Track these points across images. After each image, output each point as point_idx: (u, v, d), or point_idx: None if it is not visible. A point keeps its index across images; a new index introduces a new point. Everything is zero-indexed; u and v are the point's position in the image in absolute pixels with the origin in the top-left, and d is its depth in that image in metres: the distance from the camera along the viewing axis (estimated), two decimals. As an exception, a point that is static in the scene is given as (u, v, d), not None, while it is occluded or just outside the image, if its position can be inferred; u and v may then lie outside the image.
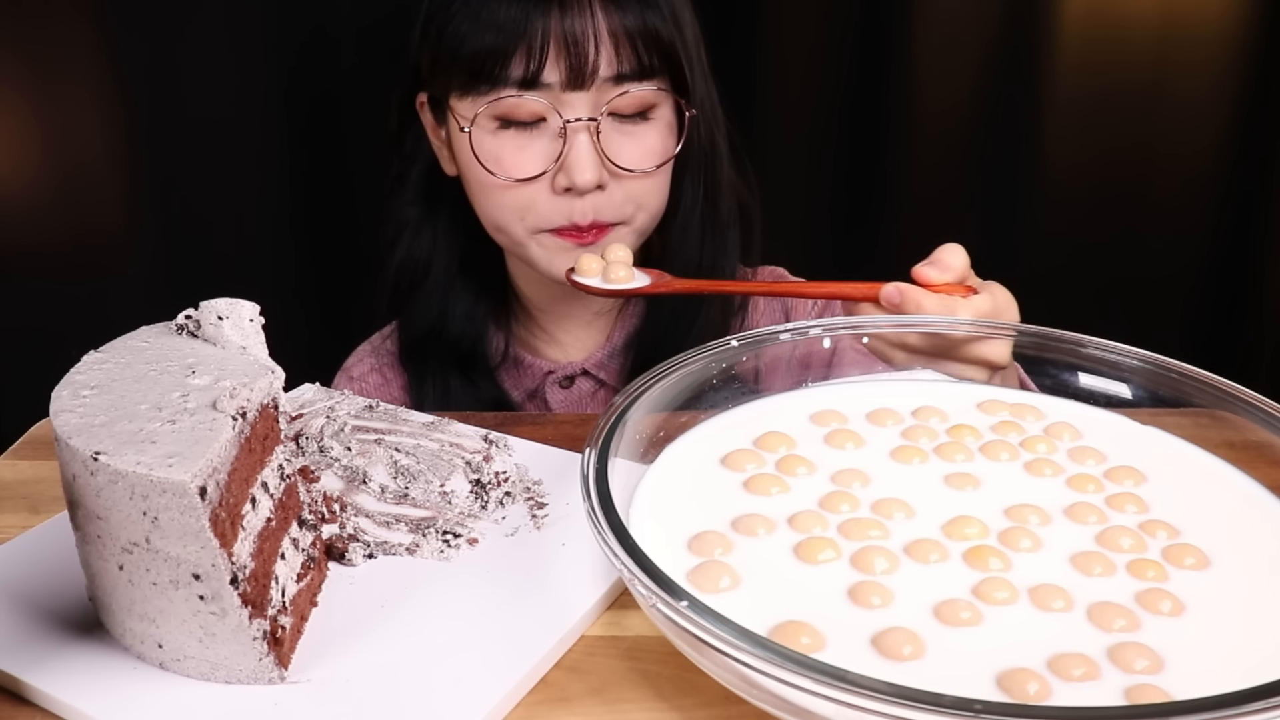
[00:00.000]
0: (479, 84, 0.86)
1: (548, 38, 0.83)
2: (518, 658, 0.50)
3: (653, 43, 0.86)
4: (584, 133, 0.86)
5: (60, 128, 1.21)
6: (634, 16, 0.85)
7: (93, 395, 0.50)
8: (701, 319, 0.96)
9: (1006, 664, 0.46)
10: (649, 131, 0.89)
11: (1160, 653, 0.46)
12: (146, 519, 0.45)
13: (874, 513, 0.56)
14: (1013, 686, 0.44)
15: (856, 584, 0.50)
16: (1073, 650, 0.46)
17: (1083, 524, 0.56)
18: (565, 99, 0.85)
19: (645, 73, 0.87)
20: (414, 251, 0.99)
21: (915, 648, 0.46)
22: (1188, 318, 1.41)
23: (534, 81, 0.84)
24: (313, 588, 0.55)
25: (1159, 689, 0.44)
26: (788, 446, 0.63)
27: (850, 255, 1.40)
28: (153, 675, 0.50)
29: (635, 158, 0.88)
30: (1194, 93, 1.31)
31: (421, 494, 0.64)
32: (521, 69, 0.84)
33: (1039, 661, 0.46)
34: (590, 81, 0.85)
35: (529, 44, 0.83)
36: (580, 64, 0.84)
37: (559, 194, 0.88)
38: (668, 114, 0.90)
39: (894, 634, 0.47)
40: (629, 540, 0.48)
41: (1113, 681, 0.45)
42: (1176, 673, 0.46)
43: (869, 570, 0.51)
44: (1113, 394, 0.67)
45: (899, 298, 0.72)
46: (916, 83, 1.33)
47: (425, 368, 1.00)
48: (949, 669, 0.46)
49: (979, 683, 0.45)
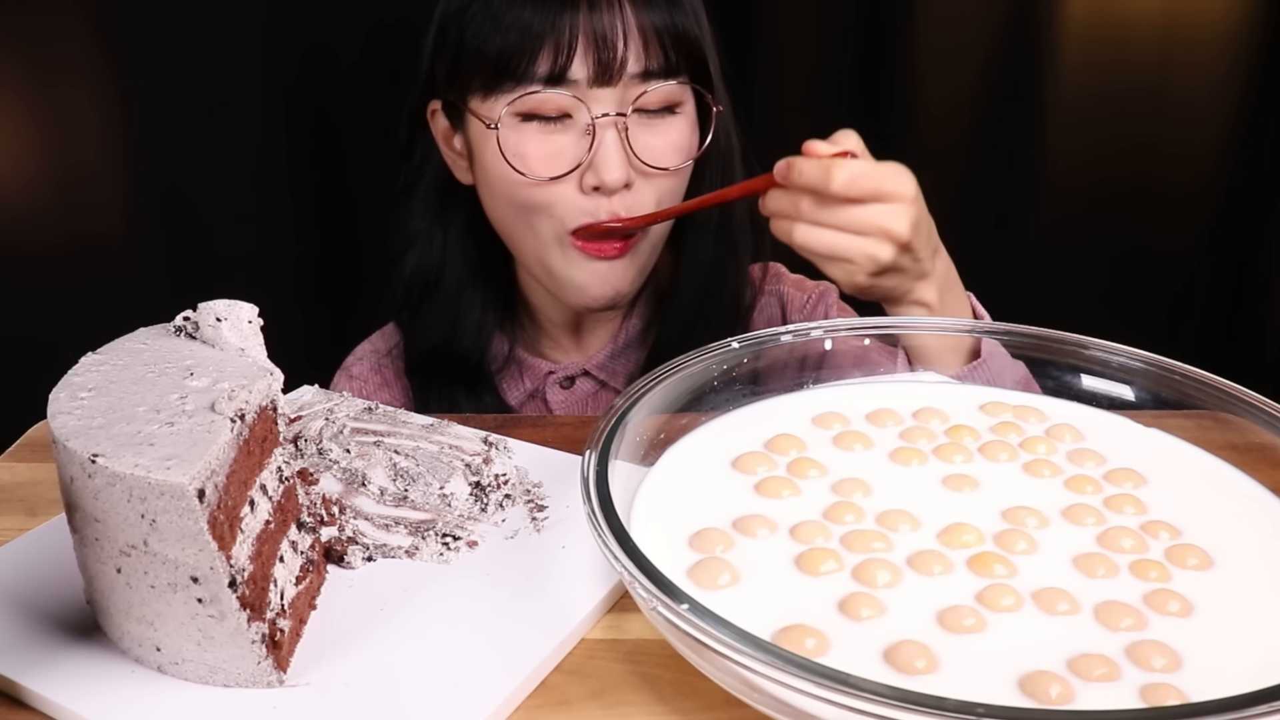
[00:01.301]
0: (503, 81, 0.85)
1: (575, 33, 0.83)
2: (518, 661, 0.50)
3: (679, 40, 0.86)
4: (612, 129, 0.86)
5: (59, 129, 1.21)
6: (661, 14, 0.85)
7: (90, 397, 0.50)
8: (714, 328, 0.95)
9: (1026, 668, 0.45)
10: (675, 129, 0.89)
11: (1178, 651, 0.46)
12: (144, 521, 0.45)
13: (878, 523, 0.56)
14: (1036, 690, 0.44)
15: (857, 594, 0.50)
16: (1091, 652, 0.46)
17: (1081, 525, 0.56)
18: (592, 95, 0.85)
19: (671, 70, 0.87)
20: (424, 263, 0.98)
21: (929, 661, 0.46)
22: (1191, 319, 1.41)
23: (561, 77, 0.84)
24: (311, 590, 0.55)
25: (1177, 689, 0.44)
26: (798, 449, 0.63)
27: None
28: (151, 678, 0.50)
29: (662, 155, 0.88)
30: (1197, 93, 1.31)
31: (421, 496, 0.64)
32: (549, 64, 0.84)
33: (1058, 664, 0.46)
34: (618, 77, 0.85)
35: (557, 39, 0.83)
36: (609, 59, 0.84)
37: (587, 194, 0.87)
38: (691, 112, 0.91)
39: (907, 647, 0.46)
40: (629, 543, 0.48)
41: (1132, 680, 0.45)
42: (1193, 671, 0.46)
43: (871, 582, 0.51)
44: (1115, 396, 0.67)
45: (786, 169, 0.77)
46: (918, 84, 1.33)
47: (430, 380, 0.99)
48: (966, 676, 0.45)
49: (1000, 688, 0.45)
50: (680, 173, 0.90)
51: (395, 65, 1.01)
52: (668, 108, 0.88)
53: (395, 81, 1.00)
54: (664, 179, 0.89)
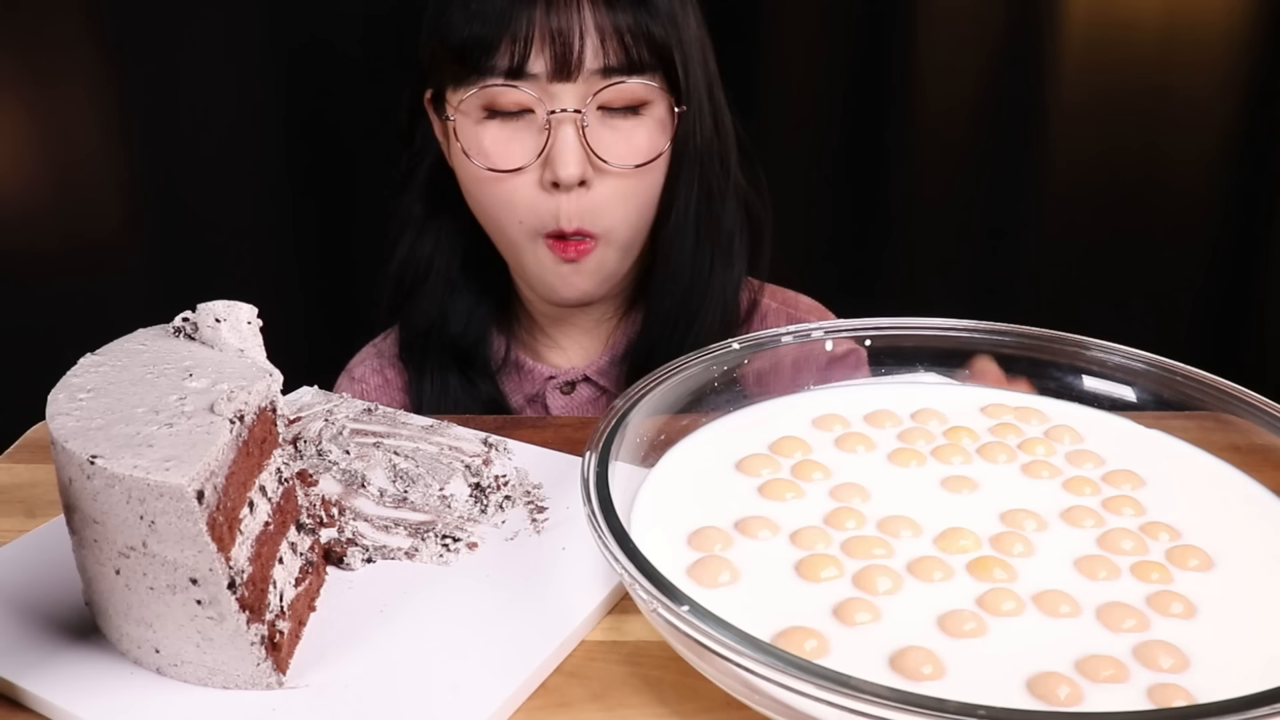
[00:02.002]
0: (468, 74, 0.86)
1: (532, 28, 0.84)
2: (518, 663, 0.50)
3: (643, 39, 0.86)
4: (569, 125, 0.86)
5: (57, 128, 1.21)
6: (625, 15, 0.85)
7: (89, 398, 0.50)
8: (697, 330, 0.94)
9: (1033, 670, 0.45)
10: (638, 129, 0.88)
11: (1185, 652, 0.46)
12: (143, 523, 0.45)
13: (880, 529, 0.55)
14: (1045, 692, 0.44)
15: (856, 599, 0.50)
16: (1098, 653, 0.46)
17: (1080, 528, 0.56)
18: (552, 91, 0.85)
19: (635, 67, 0.86)
20: (417, 249, 0.99)
21: (935, 667, 0.45)
22: (1194, 319, 1.41)
23: (519, 71, 0.85)
24: (311, 592, 0.55)
25: (1184, 689, 0.44)
26: (802, 451, 0.63)
27: (852, 257, 1.40)
28: (150, 680, 0.49)
29: (623, 154, 0.88)
30: (1200, 92, 1.31)
31: (421, 498, 0.64)
32: (507, 59, 0.85)
33: (1065, 666, 0.46)
34: (577, 73, 0.85)
35: (514, 33, 0.84)
36: (565, 54, 0.84)
37: (546, 190, 0.88)
38: (661, 113, 0.89)
39: (913, 653, 0.46)
40: (630, 544, 0.48)
41: (1140, 681, 0.45)
42: (1200, 672, 0.46)
43: (872, 589, 0.51)
44: (1116, 397, 0.67)
45: None
46: (920, 84, 1.33)
47: (424, 364, 0.99)
48: (973, 678, 0.45)
49: (1008, 691, 0.44)
50: (643, 174, 0.89)
51: (396, 63, 1.01)
52: (632, 108, 0.88)
53: (396, 80, 1.00)
54: (624, 179, 0.88)
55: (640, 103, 0.88)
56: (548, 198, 0.88)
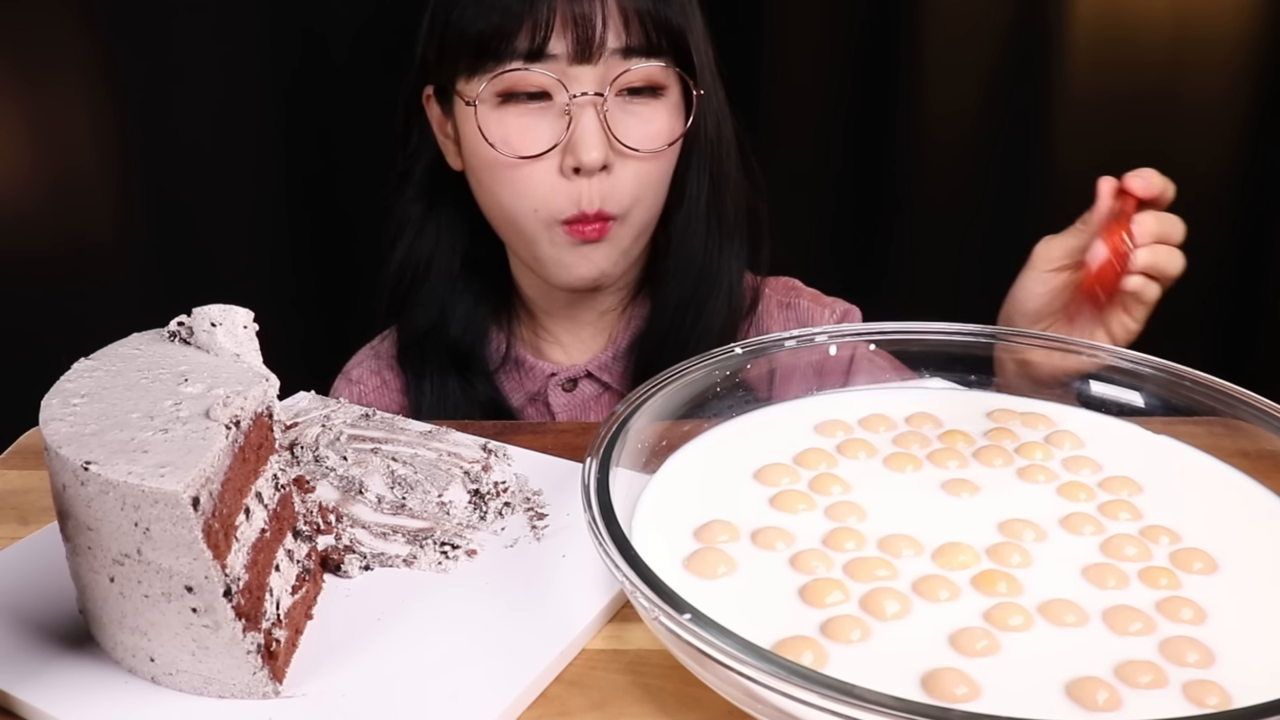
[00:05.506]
0: (485, 61, 0.87)
1: (554, 12, 0.85)
2: (517, 671, 0.49)
3: (661, 24, 0.87)
4: (590, 109, 0.86)
5: (51, 132, 1.21)
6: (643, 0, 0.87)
7: (83, 403, 0.49)
8: (705, 320, 0.95)
9: (1068, 676, 0.45)
10: (657, 111, 0.89)
11: (1211, 650, 0.46)
12: (138, 530, 0.45)
13: (880, 549, 0.54)
14: (1085, 698, 0.44)
15: (856, 615, 0.49)
16: (1134, 659, 0.46)
17: (1079, 534, 0.55)
18: (572, 73, 0.86)
19: (653, 50, 0.87)
20: (416, 249, 0.99)
21: (970, 688, 0.45)
22: (1202, 324, 1.40)
23: (540, 53, 0.85)
24: (308, 600, 0.54)
25: (1220, 686, 0.44)
26: (805, 459, 0.62)
27: (855, 257, 1.39)
28: (145, 690, 0.49)
29: (643, 137, 0.89)
30: (1208, 94, 1.31)
31: (419, 504, 0.63)
32: (528, 41, 0.85)
33: (1104, 671, 0.45)
34: (598, 55, 0.85)
35: (535, 18, 0.85)
36: (588, 35, 0.85)
37: (567, 176, 0.88)
38: (676, 97, 0.91)
39: (946, 674, 0.45)
40: (631, 552, 0.47)
41: (1175, 680, 0.45)
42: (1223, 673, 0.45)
43: (878, 610, 0.50)
44: (1125, 402, 0.67)
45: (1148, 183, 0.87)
46: (925, 85, 1.33)
47: (423, 368, 0.99)
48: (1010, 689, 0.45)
49: (1046, 700, 0.44)
50: (660, 157, 0.91)
51: (393, 64, 1.00)
52: (650, 90, 0.89)
53: (393, 81, 1.00)
54: (643, 163, 0.89)
55: (658, 86, 0.89)
56: (566, 183, 0.88)
